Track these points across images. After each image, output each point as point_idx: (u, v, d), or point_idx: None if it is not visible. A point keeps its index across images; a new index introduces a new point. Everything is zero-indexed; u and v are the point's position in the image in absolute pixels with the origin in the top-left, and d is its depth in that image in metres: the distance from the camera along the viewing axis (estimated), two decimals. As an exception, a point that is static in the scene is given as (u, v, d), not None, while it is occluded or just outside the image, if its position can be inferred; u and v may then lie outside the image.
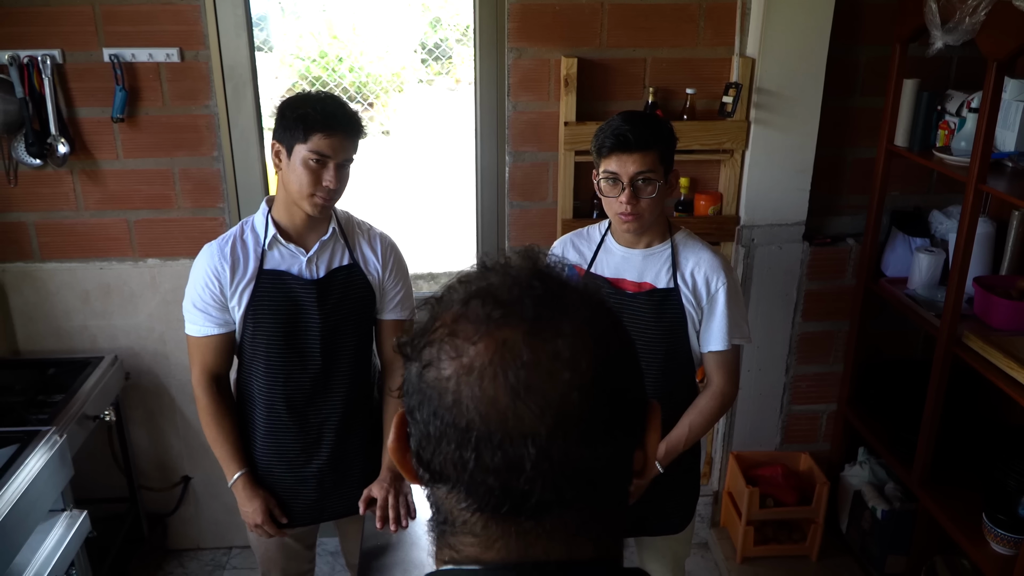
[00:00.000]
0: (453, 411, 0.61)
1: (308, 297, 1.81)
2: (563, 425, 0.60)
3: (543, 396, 0.60)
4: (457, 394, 0.61)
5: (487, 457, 0.60)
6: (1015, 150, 2.28)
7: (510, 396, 0.60)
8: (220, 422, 1.87)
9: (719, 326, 1.86)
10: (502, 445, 0.60)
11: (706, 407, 1.91)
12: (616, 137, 1.72)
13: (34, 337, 2.65)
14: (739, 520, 2.81)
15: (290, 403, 1.87)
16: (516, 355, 0.60)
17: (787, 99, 2.54)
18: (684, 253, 1.86)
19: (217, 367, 1.87)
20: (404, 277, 1.96)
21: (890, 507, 2.66)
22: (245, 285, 1.80)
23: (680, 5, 2.50)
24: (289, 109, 1.72)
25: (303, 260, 1.82)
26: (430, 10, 4.77)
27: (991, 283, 2.38)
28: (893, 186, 2.70)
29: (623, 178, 1.74)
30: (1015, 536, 2.11)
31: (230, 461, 1.88)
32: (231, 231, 1.86)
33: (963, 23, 2.08)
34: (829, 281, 2.79)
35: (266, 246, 1.81)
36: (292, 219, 1.82)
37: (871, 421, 2.77)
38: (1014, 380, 2.04)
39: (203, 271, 1.80)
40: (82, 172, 2.51)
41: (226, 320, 1.83)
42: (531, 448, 0.59)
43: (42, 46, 2.36)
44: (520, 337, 0.61)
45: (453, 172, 4.83)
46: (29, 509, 1.97)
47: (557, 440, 0.60)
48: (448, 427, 0.61)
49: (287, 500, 1.93)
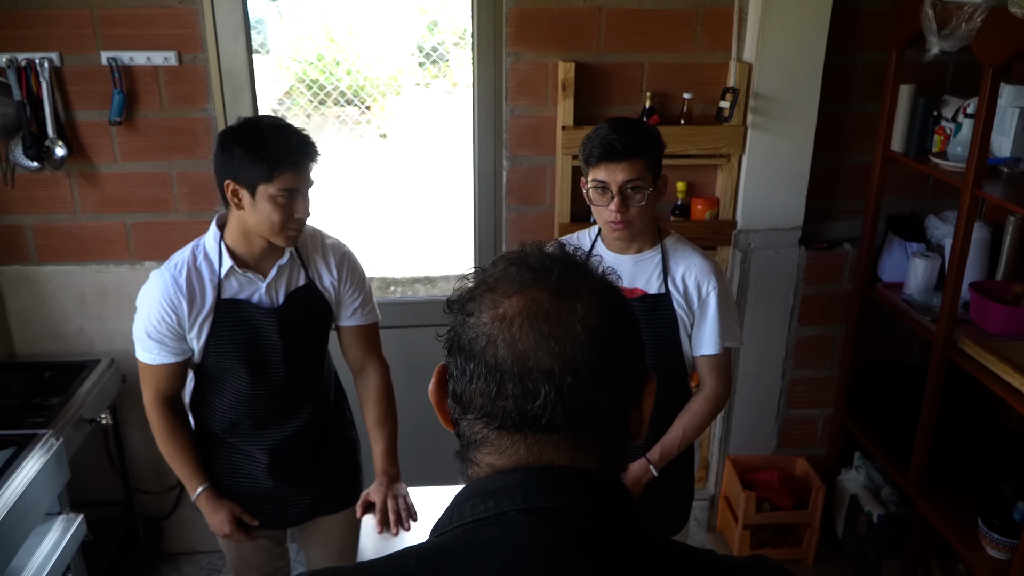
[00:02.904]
0: (485, 352, 0.73)
1: (269, 324, 1.78)
2: (573, 368, 0.71)
3: (560, 343, 0.72)
4: (492, 337, 0.73)
5: (510, 388, 0.72)
6: (1011, 156, 2.30)
7: (534, 341, 0.72)
8: (176, 441, 1.85)
9: (711, 330, 1.86)
10: (523, 379, 0.71)
11: (699, 410, 1.91)
12: (604, 146, 1.72)
13: (31, 340, 2.64)
14: (735, 524, 2.81)
15: (256, 421, 1.85)
16: (541, 309, 0.73)
17: (784, 104, 2.54)
18: (674, 258, 1.86)
19: (171, 390, 1.84)
20: (361, 283, 1.92)
21: (886, 511, 2.67)
22: (204, 317, 1.74)
23: (677, 10, 2.51)
24: (242, 148, 1.62)
25: (262, 287, 1.77)
26: (427, 13, 4.77)
27: (987, 288, 2.39)
28: (889, 191, 2.71)
29: (612, 187, 1.74)
30: (1010, 541, 2.11)
31: (191, 477, 1.87)
32: (181, 257, 1.77)
33: (959, 29, 2.09)
34: (825, 286, 2.80)
35: (222, 276, 1.74)
36: (250, 248, 1.75)
37: (867, 425, 2.77)
38: (1009, 385, 2.04)
39: (157, 303, 1.72)
40: (79, 175, 2.51)
41: (183, 349, 1.78)
42: (546, 385, 0.71)
43: (40, 49, 2.36)
44: (546, 296, 0.74)
45: (451, 176, 4.83)
46: (25, 512, 1.96)
47: (567, 379, 0.71)
48: (480, 365, 0.73)
49: (258, 508, 1.93)
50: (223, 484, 1.91)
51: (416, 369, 2.02)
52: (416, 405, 2.03)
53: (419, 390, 2.10)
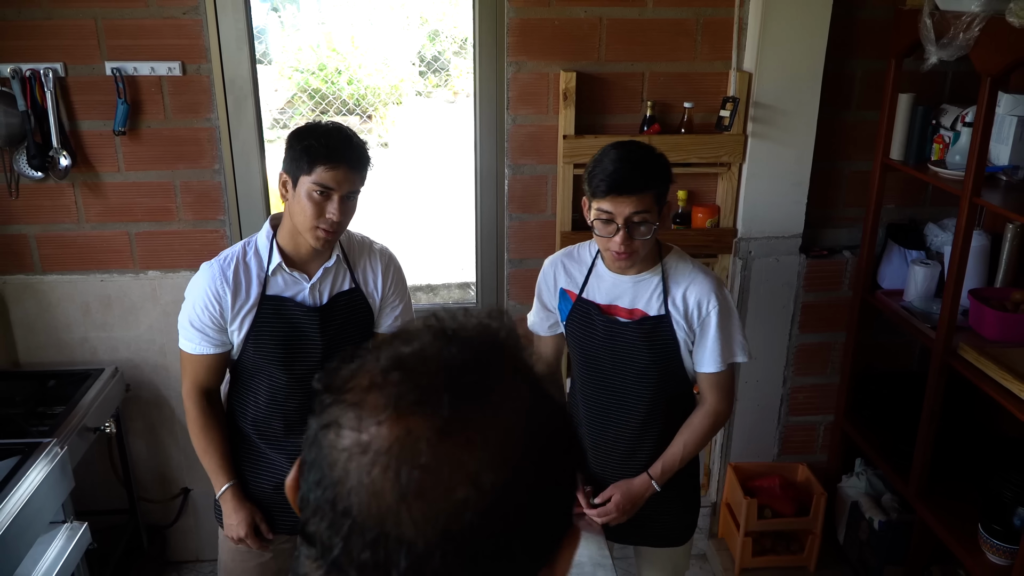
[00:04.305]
0: (336, 488, 0.54)
1: (311, 324, 1.81)
2: (446, 543, 0.52)
3: (432, 507, 0.52)
4: (345, 472, 0.54)
5: (355, 550, 0.53)
6: (1009, 164, 2.31)
7: (397, 495, 0.52)
8: (209, 434, 1.87)
9: (711, 349, 1.85)
10: (374, 544, 0.53)
11: (699, 426, 1.91)
12: (611, 179, 1.67)
13: (35, 349, 2.65)
14: (737, 531, 2.82)
15: (287, 422, 1.87)
16: (416, 452, 0.53)
17: (784, 113, 2.56)
18: (675, 277, 1.84)
19: (209, 382, 1.87)
20: (403, 290, 1.97)
21: (887, 518, 2.68)
22: (248, 311, 1.78)
23: (678, 20, 2.53)
24: (296, 140, 1.70)
25: (306, 287, 1.81)
26: (428, 23, 4.80)
27: (986, 295, 2.41)
28: (889, 199, 2.73)
29: (618, 219, 1.69)
30: (1011, 547, 2.12)
31: (219, 473, 1.88)
32: (232, 251, 1.83)
33: (957, 39, 2.11)
34: (826, 293, 2.81)
35: (269, 272, 1.79)
36: (297, 247, 1.80)
37: (868, 432, 2.78)
38: (1009, 391, 2.05)
39: (203, 291, 1.78)
40: (83, 184, 2.53)
41: (223, 341, 1.82)
42: (403, 559, 0.52)
43: (44, 59, 2.38)
44: (428, 432, 0.53)
45: (452, 184, 4.85)
46: (30, 521, 1.97)
47: (435, 556, 0.52)
48: (326, 503, 0.55)
49: (275, 513, 1.94)
50: (247, 485, 1.91)
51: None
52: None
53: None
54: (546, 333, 2.02)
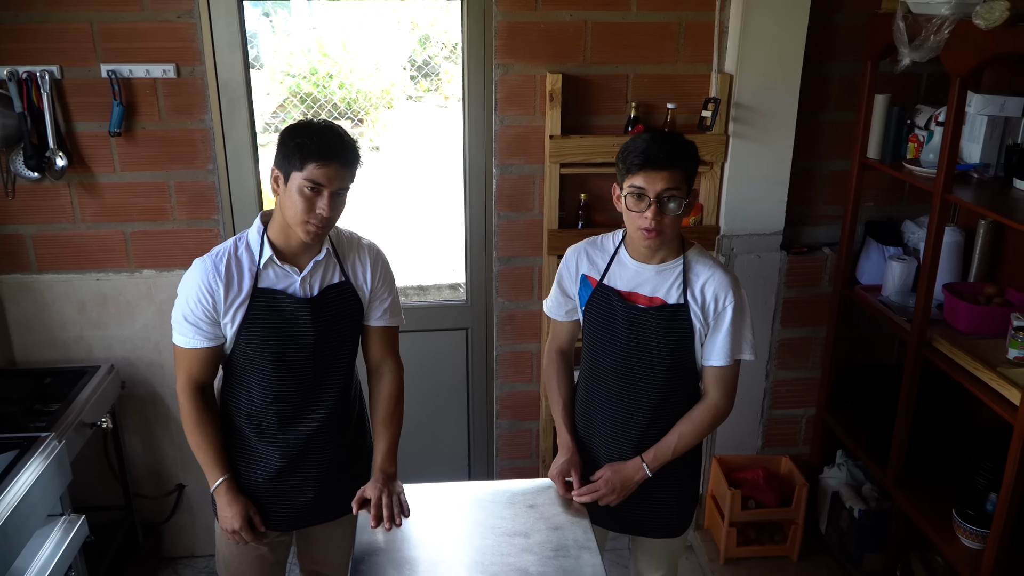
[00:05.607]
0: None
1: (302, 315, 1.85)
2: None
3: None
4: None
5: None
6: (980, 162, 2.38)
7: None
8: (204, 428, 1.90)
9: (722, 342, 1.91)
10: None
11: (698, 419, 1.96)
12: (645, 154, 1.76)
13: (31, 347, 2.69)
14: (722, 522, 2.87)
15: (280, 415, 1.91)
16: None
17: (764, 113, 2.63)
18: (696, 270, 1.91)
19: (203, 377, 1.91)
20: (391, 284, 2.01)
21: (867, 507, 2.74)
22: (240, 304, 1.82)
23: (661, 23, 2.60)
24: (288, 137, 1.74)
25: (297, 280, 1.85)
26: (419, 27, 4.85)
27: (960, 289, 2.48)
28: (867, 197, 2.80)
29: (650, 194, 1.76)
30: (983, 531, 2.18)
31: (213, 467, 1.91)
32: (224, 246, 1.88)
33: (928, 41, 2.18)
34: (806, 289, 2.88)
35: (261, 266, 1.83)
36: (287, 240, 1.85)
37: (849, 424, 2.85)
38: (982, 382, 2.12)
39: (196, 286, 1.82)
40: (79, 185, 2.57)
41: (216, 334, 1.86)
42: None
43: (41, 62, 2.42)
44: None
45: (442, 185, 4.90)
46: (28, 513, 2.00)
47: None
48: None
49: (268, 507, 1.97)
50: (240, 478, 1.95)
51: (408, 374, 2.09)
52: (410, 406, 2.10)
53: (412, 393, 2.16)
54: (563, 318, 2.08)
